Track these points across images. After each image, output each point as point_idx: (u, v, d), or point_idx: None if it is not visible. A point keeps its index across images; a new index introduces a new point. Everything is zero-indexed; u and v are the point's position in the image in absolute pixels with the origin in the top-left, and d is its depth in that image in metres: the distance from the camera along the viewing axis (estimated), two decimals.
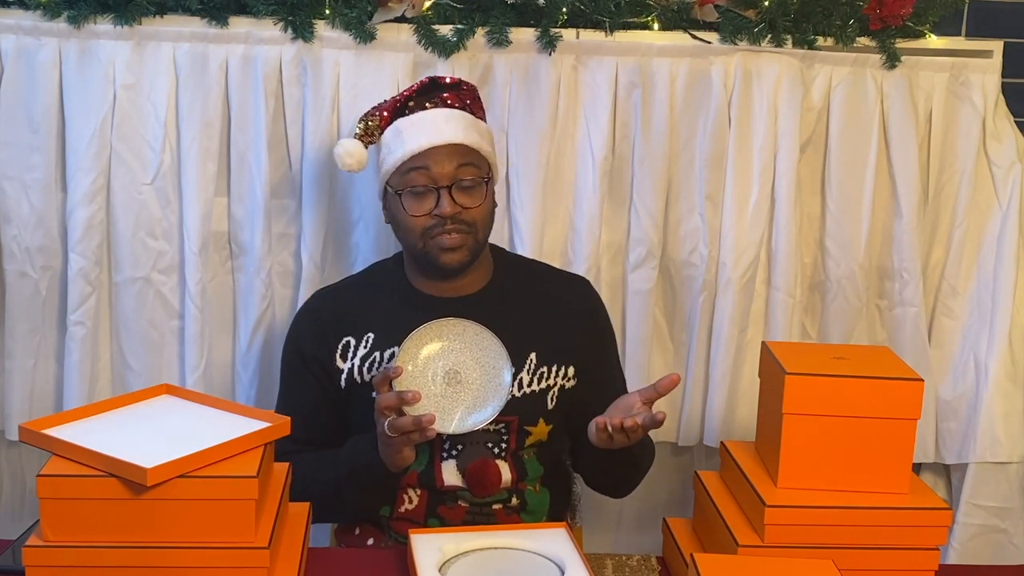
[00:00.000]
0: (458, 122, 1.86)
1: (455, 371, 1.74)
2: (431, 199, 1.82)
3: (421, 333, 1.74)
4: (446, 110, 1.88)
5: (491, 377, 1.75)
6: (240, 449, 1.45)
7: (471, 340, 1.75)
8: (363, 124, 1.92)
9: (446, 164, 1.82)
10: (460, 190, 1.82)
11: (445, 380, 1.74)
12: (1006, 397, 2.36)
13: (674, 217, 2.30)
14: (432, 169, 1.81)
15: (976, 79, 2.31)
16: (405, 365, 1.72)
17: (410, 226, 1.83)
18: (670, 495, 2.46)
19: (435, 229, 1.82)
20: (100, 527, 1.39)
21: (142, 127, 2.16)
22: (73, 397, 2.20)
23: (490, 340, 1.75)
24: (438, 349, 1.75)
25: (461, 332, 1.75)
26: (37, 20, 2.10)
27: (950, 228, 2.37)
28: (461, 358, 1.75)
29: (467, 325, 1.75)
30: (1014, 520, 2.42)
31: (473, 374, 1.75)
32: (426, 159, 1.82)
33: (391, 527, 1.86)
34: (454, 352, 1.75)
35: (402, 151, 1.84)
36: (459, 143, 1.83)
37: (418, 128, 1.85)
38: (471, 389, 1.75)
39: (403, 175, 1.84)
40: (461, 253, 1.83)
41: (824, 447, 1.55)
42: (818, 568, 1.37)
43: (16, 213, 2.18)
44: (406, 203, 1.83)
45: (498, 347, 1.75)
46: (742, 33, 2.22)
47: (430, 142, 1.82)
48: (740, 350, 2.33)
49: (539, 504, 1.89)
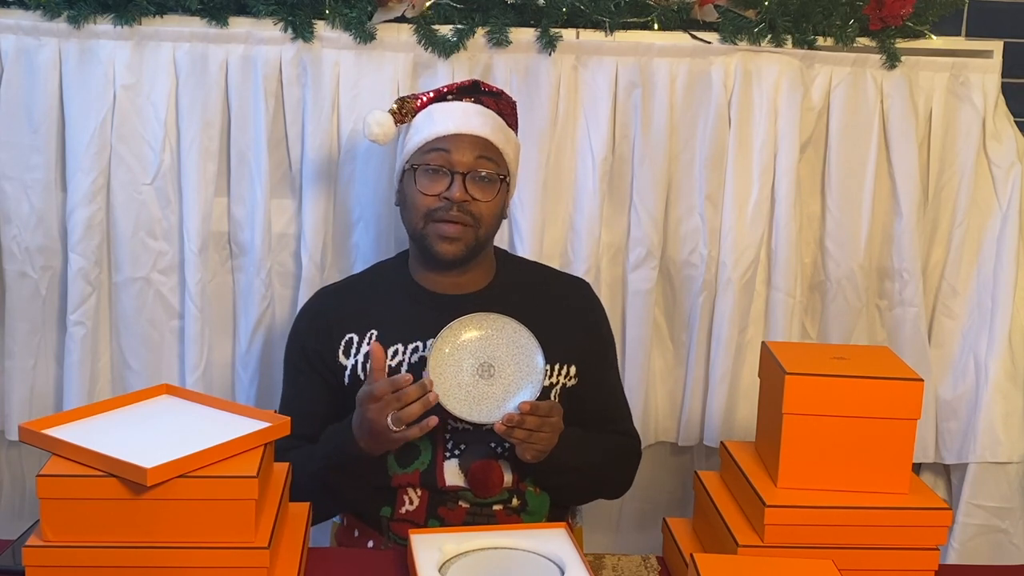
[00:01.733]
0: (488, 119, 1.89)
1: (489, 364, 1.75)
2: (444, 181, 1.84)
3: (464, 320, 1.75)
4: (481, 107, 1.91)
5: (524, 372, 1.75)
6: (240, 449, 1.45)
7: (509, 337, 1.76)
8: (399, 103, 1.93)
9: (467, 152, 1.84)
10: (474, 181, 1.84)
11: (478, 372, 1.75)
12: (1006, 397, 2.37)
13: (674, 217, 2.30)
14: (452, 153, 1.84)
15: (976, 79, 2.31)
16: (443, 347, 1.73)
17: (417, 203, 1.85)
18: (670, 495, 2.46)
19: (439, 212, 1.83)
20: (100, 527, 1.38)
21: (142, 127, 2.16)
22: (73, 397, 2.21)
23: (527, 339, 1.75)
24: (476, 337, 1.75)
25: (501, 327, 1.76)
26: (37, 20, 2.10)
27: (950, 228, 2.37)
28: (497, 352, 1.76)
29: (506, 321, 1.76)
30: (1014, 520, 2.42)
31: (507, 369, 1.76)
32: (449, 143, 1.85)
33: (391, 529, 1.86)
34: (491, 345, 1.76)
35: (429, 131, 1.87)
36: (484, 136, 1.86)
37: (449, 115, 1.88)
38: (503, 383, 1.75)
39: (424, 153, 1.86)
40: (458, 246, 1.84)
41: (824, 447, 1.55)
42: (818, 568, 1.37)
43: (16, 213, 2.18)
44: (419, 179, 1.85)
45: (534, 345, 1.75)
46: (742, 33, 2.22)
47: (457, 128, 1.86)
48: (740, 350, 2.33)
49: (539, 505, 1.89)
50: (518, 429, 1.70)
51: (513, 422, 1.69)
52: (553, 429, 1.74)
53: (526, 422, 1.69)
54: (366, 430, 1.72)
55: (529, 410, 1.68)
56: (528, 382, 1.75)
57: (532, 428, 1.70)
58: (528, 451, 1.74)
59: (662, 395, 2.40)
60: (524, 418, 1.69)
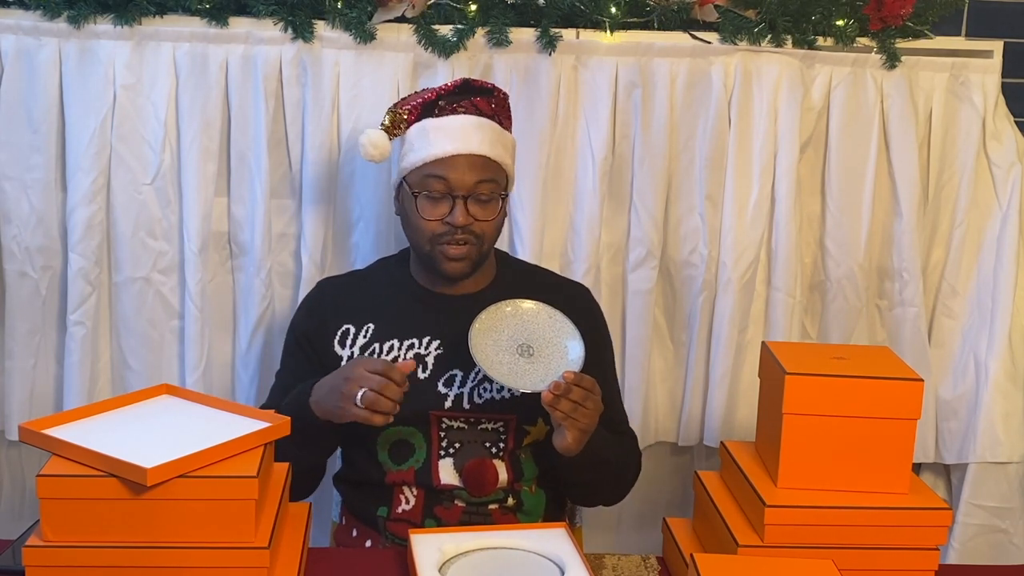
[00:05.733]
0: (485, 133, 1.86)
1: (528, 345, 1.76)
2: (446, 205, 1.83)
3: (503, 302, 1.78)
4: (475, 118, 1.87)
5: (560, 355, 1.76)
6: (240, 449, 1.45)
7: (545, 321, 1.79)
8: (391, 115, 1.90)
9: (467, 175, 1.82)
10: (476, 202, 1.83)
11: (517, 352, 1.75)
12: (1006, 397, 2.37)
13: (674, 217, 2.30)
14: (451, 178, 1.82)
15: (976, 79, 2.31)
16: (485, 322, 1.75)
17: (421, 228, 1.85)
18: (670, 495, 2.46)
19: (444, 236, 1.83)
20: (100, 527, 1.39)
21: (142, 127, 2.16)
22: (73, 397, 2.21)
23: (566, 323, 1.78)
24: (524, 310, 1.79)
25: (540, 312, 1.79)
26: (37, 20, 2.10)
27: (950, 228, 2.37)
28: (536, 334, 1.77)
29: (552, 311, 1.79)
30: (1014, 520, 2.42)
31: (544, 351, 1.76)
32: (447, 167, 1.82)
33: (388, 529, 1.86)
34: (528, 327, 1.77)
35: (426, 152, 1.84)
36: (483, 155, 1.84)
37: (445, 133, 1.85)
38: (542, 363, 1.75)
39: (423, 177, 1.84)
40: (464, 264, 1.85)
41: (824, 447, 1.55)
42: (818, 568, 1.38)
43: (16, 213, 2.18)
44: (420, 205, 1.84)
45: (572, 329, 1.78)
46: (742, 33, 2.22)
47: (456, 150, 1.83)
48: (740, 350, 2.33)
49: (535, 505, 1.89)
50: (564, 400, 1.66)
51: (560, 390, 1.65)
52: (596, 406, 1.71)
53: (573, 392, 1.66)
54: (335, 385, 1.70)
55: (574, 379, 1.66)
56: (565, 365, 1.74)
57: (578, 400, 1.67)
58: (572, 429, 1.70)
59: (662, 395, 2.40)
60: (571, 387, 1.66)
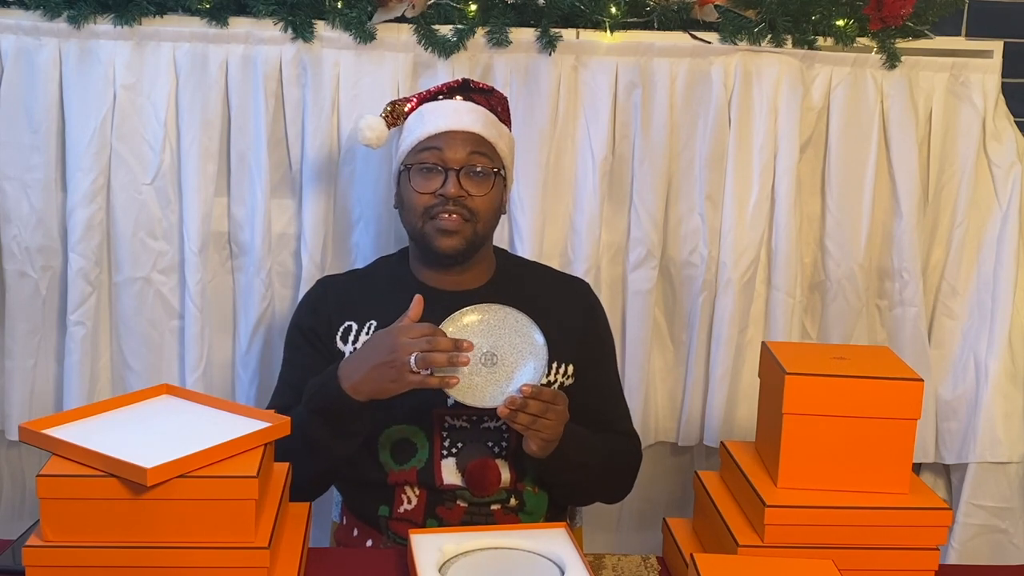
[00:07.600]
0: (479, 115, 1.90)
1: (491, 353, 1.75)
2: (438, 179, 1.85)
3: (464, 309, 1.75)
4: (472, 104, 1.92)
5: (524, 351, 1.74)
6: (240, 449, 1.45)
7: (508, 323, 1.76)
8: (391, 106, 1.95)
9: (459, 149, 1.85)
10: (468, 176, 1.85)
11: (481, 361, 1.74)
12: (1006, 397, 2.37)
13: (674, 217, 2.30)
14: (445, 151, 1.85)
15: (976, 79, 2.31)
16: (445, 328, 1.72)
17: (414, 203, 1.86)
18: (670, 495, 2.47)
19: (436, 208, 1.84)
20: (100, 527, 1.38)
21: (142, 127, 2.16)
22: (73, 397, 2.21)
23: (525, 321, 1.75)
24: (477, 321, 1.75)
25: (500, 315, 1.76)
26: (37, 20, 2.10)
27: (950, 228, 2.37)
28: (499, 341, 1.75)
29: (506, 310, 1.76)
30: (1014, 520, 2.42)
31: (509, 355, 1.75)
32: (441, 141, 1.86)
33: (389, 528, 1.86)
34: (492, 333, 1.75)
35: (421, 131, 1.88)
36: (476, 132, 1.87)
37: (439, 113, 1.90)
38: (505, 369, 1.74)
39: (417, 153, 1.87)
40: (457, 239, 1.85)
41: (824, 447, 1.55)
42: (818, 568, 1.37)
43: (16, 213, 2.18)
44: (413, 179, 1.86)
45: (531, 325, 1.75)
46: (742, 33, 2.22)
47: (448, 126, 1.87)
48: (740, 350, 2.33)
49: (537, 505, 1.89)
50: (521, 414, 1.67)
51: (515, 405, 1.66)
52: (558, 417, 1.72)
53: (528, 406, 1.67)
54: (380, 361, 1.68)
55: (531, 393, 1.67)
56: (530, 358, 1.73)
57: (536, 413, 1.68)
58: (534, 440, 1.72)
59: (662, 395, 2.40)
60: (527, 401, 1.67)
